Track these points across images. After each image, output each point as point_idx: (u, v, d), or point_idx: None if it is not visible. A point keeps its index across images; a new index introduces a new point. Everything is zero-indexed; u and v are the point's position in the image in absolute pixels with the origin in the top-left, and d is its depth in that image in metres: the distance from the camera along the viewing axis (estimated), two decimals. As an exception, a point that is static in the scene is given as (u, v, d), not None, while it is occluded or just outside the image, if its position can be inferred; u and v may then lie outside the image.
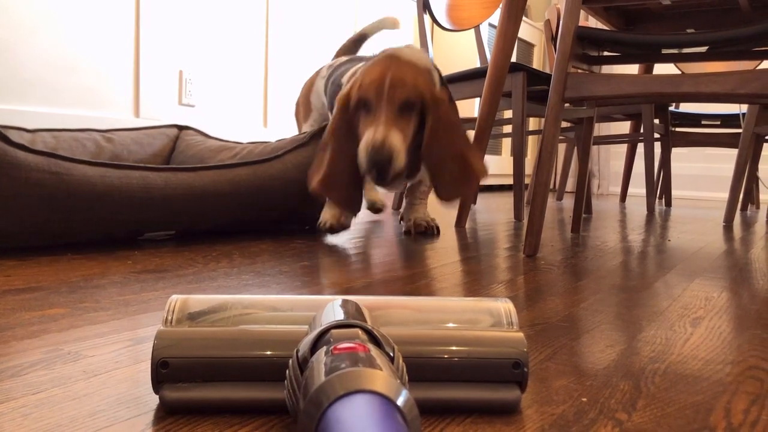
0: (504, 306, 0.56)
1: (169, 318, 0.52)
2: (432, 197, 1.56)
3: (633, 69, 3.18)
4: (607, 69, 3.96)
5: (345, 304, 0.51)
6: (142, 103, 2.44)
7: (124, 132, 1.86)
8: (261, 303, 0.55)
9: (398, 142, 1.27)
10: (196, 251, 1.27)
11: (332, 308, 0.50)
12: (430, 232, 1.68)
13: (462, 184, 1.36)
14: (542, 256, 1.38)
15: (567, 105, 1.88)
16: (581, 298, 0.96)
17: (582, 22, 3.87)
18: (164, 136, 1.94)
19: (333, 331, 0.45)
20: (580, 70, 1.50)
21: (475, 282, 1.08)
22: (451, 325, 0.55)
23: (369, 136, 1.26)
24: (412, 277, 1.09)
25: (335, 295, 0.59)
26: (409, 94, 1.31)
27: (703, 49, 1.48)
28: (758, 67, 2.68)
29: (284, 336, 0.51)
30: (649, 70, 2.77)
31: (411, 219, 1.69)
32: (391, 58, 1.35)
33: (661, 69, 3.71)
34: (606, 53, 1.62)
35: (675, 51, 1.52)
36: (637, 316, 0.86)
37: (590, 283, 1.10)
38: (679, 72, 3.42)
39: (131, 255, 1.20)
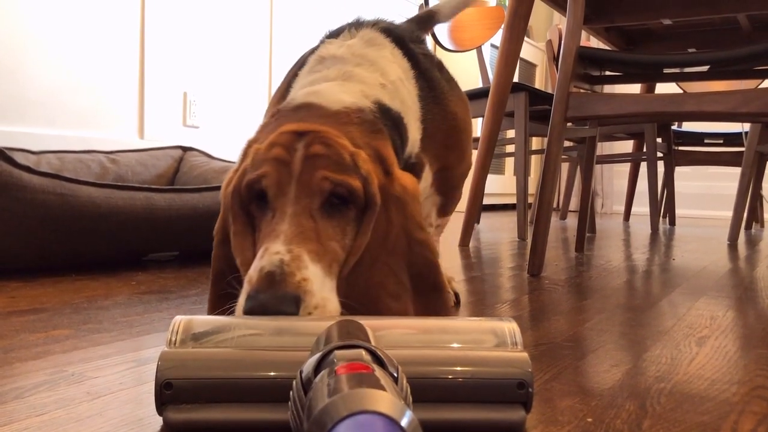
0: (508, 326, 0.55)
1: (173, 339, 0.52)
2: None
3: (635, 88, 3.20)
4: (609, 88, 3.97)
5: (348, 325, 0.51)
6: (147, 124, 2.46)
7: (128, 153, 1.87)
8: (264, 324, 0.55)
9: (314, 269, 0.64)
10: (199, 272, 1.27)
11: (335, 329, 0.50)
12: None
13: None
14: (546, 275, 1.38)
15: (570, 124, 1.89)
16: (586, 318, 0.96)
17: (584, 42, 3.89)
18: (168, 158, 1.95)
19: (336, 351, 0.45)
20: (582, 90, 1.51)
21: (479, 302, 1.07)
22: (455, 345, 0.54)
23: (260, 255, 0.64)
24: (416, 297, 1.09)
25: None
26: (343, 179, 0.68)
27: (705, 68, 1.49)
28: (760, 86, 2.70)
29: (288, 357, 0.51)
30: (650, 89, 2.78)
31: None
32: (314, 108, 0.76)
33: (662, 88, 3.73)
34: (608, 73, 1.63)
35: (677, 70, 1.53)
36: (641, 336, 0.85)
37: (595, 302, 1.09)
38: (681, 91, 3.43)
39: (135, 276, 1.20)
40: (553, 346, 0.79)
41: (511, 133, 3.74)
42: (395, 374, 0.44)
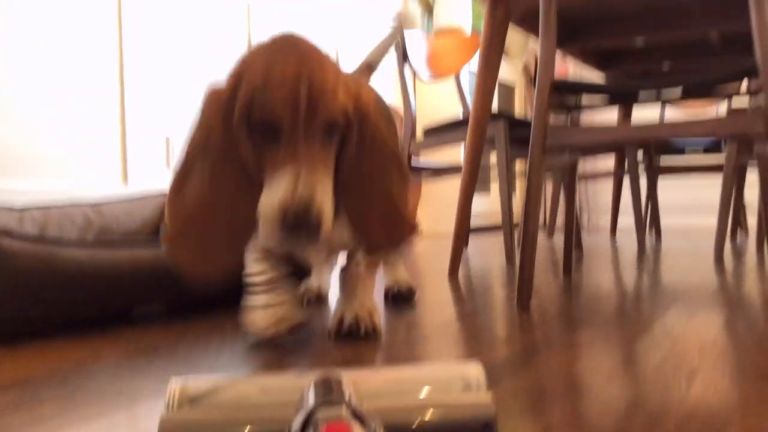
0: (474, 369, 0.62)
1: (171, 404, 0.56)
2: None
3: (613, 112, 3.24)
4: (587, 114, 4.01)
5: (329, 381, 0.55)
6: (131, 170, 2.46)
7: (114, 204, 1.86)
8: (254, 382, 0.60)
9: (328, 194, 0.85)
10: (187, 325, 1.26)
11: (318, 385, 0.54)
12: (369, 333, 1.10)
13: (391, 234, 0.98)
14: (536, 304, 1.38)
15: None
16: (577, 354, 0.96)
17: (560, 61, 3.94)
18: (154, 205, 1.94)
19: (318, 412, 0.49)
20: (561, 118, 1.53)
21: (472, 339, 1.07)
22: (426, 389, 0.61)
23: (287, 186, 0.81)
24: (410, 341, 1.08)
25: (333, 368, 0.59)
26: (334, 112, 0.87)
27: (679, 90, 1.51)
28: (732, 103, 2.74)
29: (278, 416, 0.56)
30: (628, 111, 2.82)
31: (341, 314, 1.12)
32: (295, 47, 0.90)
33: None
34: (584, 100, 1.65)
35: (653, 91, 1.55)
36: (632, 373, 0.86)
37: (585, 334, 1.10)
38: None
39: (122, 333, 1.19)
40: (545, 389, 0.79)
41: (494, 157, 3.76)
42: (374, 427, 0.49)
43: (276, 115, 0.84)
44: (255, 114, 0.85)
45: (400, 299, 1.49)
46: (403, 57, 2.52)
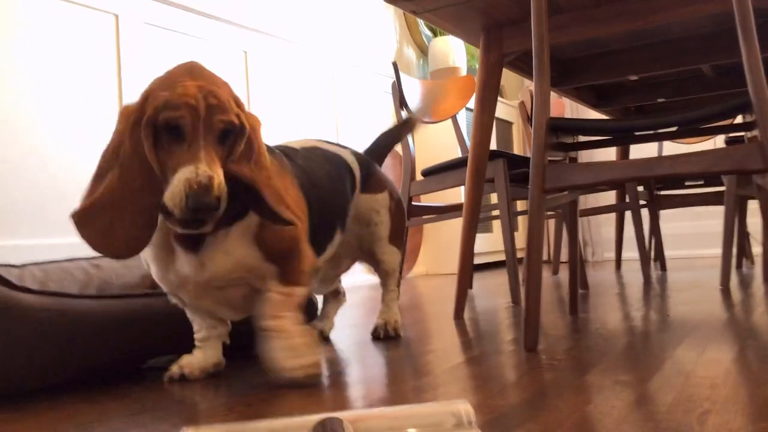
0: (463, 407, 0.68)
1: None
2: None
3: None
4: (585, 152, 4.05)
5: (331, 423, 0.63)
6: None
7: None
8: (262, 427, 0.66)
9: (223, 182, 1.02)
10: (195, 379, 1.25)
11: (322, 427, 0.62)
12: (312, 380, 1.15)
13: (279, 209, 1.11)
14: (544, 348, 1.37)
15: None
16: (586, 399, 0.95)
17: (557, 98, 3.98)
18: (156, 258, 1.94)
19: None
20: (558, 159, 1.54)
21: (481, 387, 1.06)
22: (419, 427, 0.66)
23: (190, 173, 0.99)
24: (420, 389, 1.07)
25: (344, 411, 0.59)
26: (230, 119, 1.06)
27: (674, 128, 1.52)
28: (723, 139, 2.76)
29: None
30: (626, 149, 2.84)
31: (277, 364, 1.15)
32: (195, 69, 1.09)
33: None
34: (581, 139, 1.66)
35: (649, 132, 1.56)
36: (642, 419, 0.84)
37: (594, 378, 1.08)
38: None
39: (130, 392, 1.18)
40: (556, 439, 0.77)
41: (494, 197, 3.78)
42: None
43: (180, 117, 1.01)
44: (161, 119, 1.02)
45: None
46: (401, 102, 2.55)
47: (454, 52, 4.28)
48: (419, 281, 3.63)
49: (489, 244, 4.35)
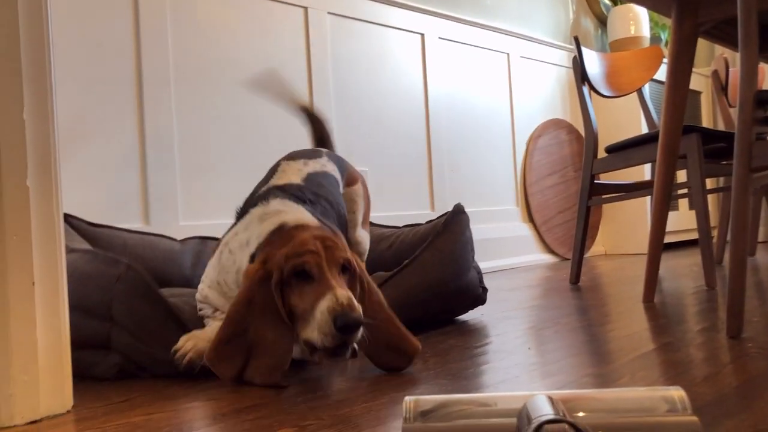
0: (677, 393, 0.65)
1: (408, 416, 0.67)
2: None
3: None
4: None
5: (547, 400, 0.63)
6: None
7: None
8: (472, 400, 0.70)
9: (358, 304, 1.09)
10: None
11: (537, 404, 0.62)
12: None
13: (399, 355, 1.18)
14: (748, 336, 1.29)
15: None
16: (805, 393, 0.90)
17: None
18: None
19: (546, 426, 0.58)
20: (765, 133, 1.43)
21: (682, 374, 1.03)
22: (633, 409, 0.65)
23: (330, 300, 1.06)
24: (609, 375, 1.07)
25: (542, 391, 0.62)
26: (347, 256, 1.17)
27: None
28: None
29: (498, 427, 0.65)
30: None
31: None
32: (300, 226, 1.22)
33: None
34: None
35: None
36: None
37: (811, 370, 1.01)
38: None
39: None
40: (775, 433, 0.74)
41: (680, 173, 3.56)
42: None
43: (305, 262, 1.12)
44: (287, 269, 1.12)
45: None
46: (582, 77, 2.47)
47: (637, 20, 4.05)
48: (598, 261, 3.53)
49: (674, 222, 4.10)
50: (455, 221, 1.68)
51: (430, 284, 1.56)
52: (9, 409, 0.93)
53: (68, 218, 1.63)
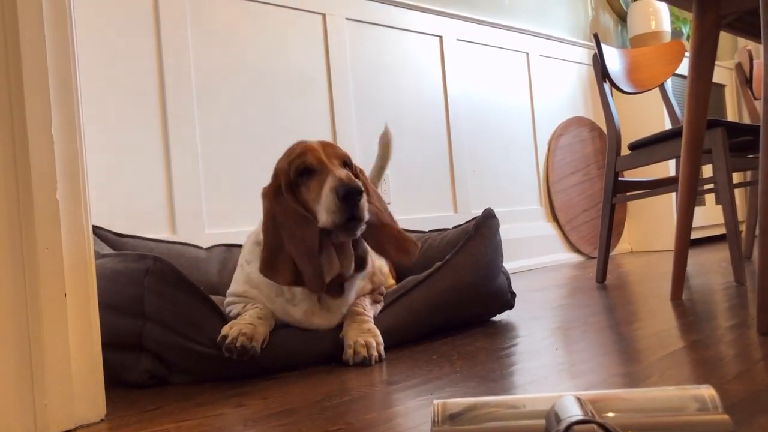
0: (707, 392, 0.64)
1: (437, 420, 0.67)
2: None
3: None
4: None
5: (576, 401, 0.63)
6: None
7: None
8: (501, 402, 0.69)
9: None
10: (416, 358, 1.33)
11: (565, 404, 0.62)
12: (367, 362, 1.27)
13: (403, 252, 1.34)
14: (779, 332, 1.28)
15: None
16: (840, 389, 0.88)
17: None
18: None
19: (575, 427, 0.58)
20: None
21: (712, 372, 1.02)
22: (662, 411, 0.64)
23: (331, 180, 1.22)
24: (637, 375, 1.06)
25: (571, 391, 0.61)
26: (343, 154, 1.32)
27: None
28: None
29: (527, 429, 0.65)
30: None
31: (351, 344, 1.30)
32: (302, 141, 1.35)
33: None
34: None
35: None
36: None
37: None
38: None
39: (348, 369, 1.28)
40: (810, 430, 0.73)
41: (705, 168, 3.51)
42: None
43: (306, 160, 1.26)
44: (293, 171, 1.27)
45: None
46: (603, 74, 2.45)
47: (657, 15, 4.01)
48: (624, 259, 3.49)
49: (701, 218, 4.05)
50: (486, 225, 1.67)
51: (462, 287, 1.56)
52: (44, 418, 0.95)
53: (96, 229, 1.66)
